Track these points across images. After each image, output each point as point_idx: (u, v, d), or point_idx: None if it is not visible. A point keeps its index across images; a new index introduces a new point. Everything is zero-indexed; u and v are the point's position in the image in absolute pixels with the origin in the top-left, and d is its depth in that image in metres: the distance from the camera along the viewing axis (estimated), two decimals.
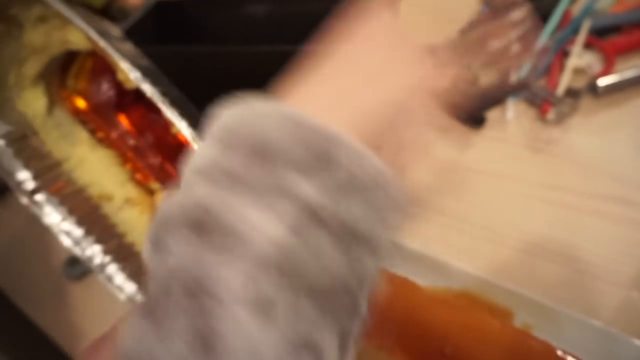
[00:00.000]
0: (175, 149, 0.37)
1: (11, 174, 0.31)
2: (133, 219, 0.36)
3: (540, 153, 0.53)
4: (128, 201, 0.36)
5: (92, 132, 0.35)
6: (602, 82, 0.55)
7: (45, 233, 0.61)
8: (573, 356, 0.33)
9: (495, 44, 0.29)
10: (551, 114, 0.54)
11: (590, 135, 0.53)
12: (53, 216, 0.34)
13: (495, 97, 0.59)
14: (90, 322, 0.47)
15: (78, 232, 0.35)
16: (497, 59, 0.31)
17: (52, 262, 0.53)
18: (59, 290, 0.52)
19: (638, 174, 0.49)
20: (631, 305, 0.39)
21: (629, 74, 0.55)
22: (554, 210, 0.47)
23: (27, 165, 0.31)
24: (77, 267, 0.52)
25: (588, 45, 0.59)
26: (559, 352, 0.33)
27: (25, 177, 0.32)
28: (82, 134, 0.34)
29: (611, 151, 0.51)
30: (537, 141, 0.54)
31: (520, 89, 0.59)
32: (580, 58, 0.58)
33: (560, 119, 0.55)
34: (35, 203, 0.33)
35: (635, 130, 0.53)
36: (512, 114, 0.58)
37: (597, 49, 0.58)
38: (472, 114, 0.56)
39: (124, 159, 0.30)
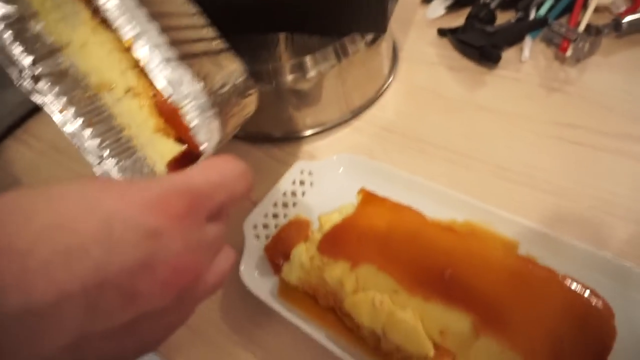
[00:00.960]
0: None
1: (11, 59, 0.31)
2: (133, 111, 0.36)
3: (556, 92, 0.51)
4: (129, 91, 0.36)
5: (95, 12, 0.34)
6: (627, 19, 0.53)
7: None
8: (578, 282, 0.32)
9: None
10: (570, 52, 0.52)
11: (609, 73, 0.51)
12: (53, 105, 0.34)
13: (512, 35, 0.57)
14: None
15: (77, 123, 0.35)
16: None
17: None
18: None
19: None
20: None
21: None
22: (566, 147, 0.46)
23: (27, 50, 0.31)
24: None
25: None
26: (564, 279, 0.33)
27: (25, 62, 0.31)
28: (84, 15, 0.33)
29: (630, 90, 0.49)
30: (553, 80, 0.52)
31: (539, 26, 0.57)
32: None
33: (579, 57, 0.53)
34: (37, 91, 0.33)
35: None
36: (529, 53, 0.55)
37: None
38: (487, 52, 0.54)
39: (127, 45, 0.29)
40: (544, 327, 0.30)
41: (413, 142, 0.51)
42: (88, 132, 0.37)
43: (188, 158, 0.39)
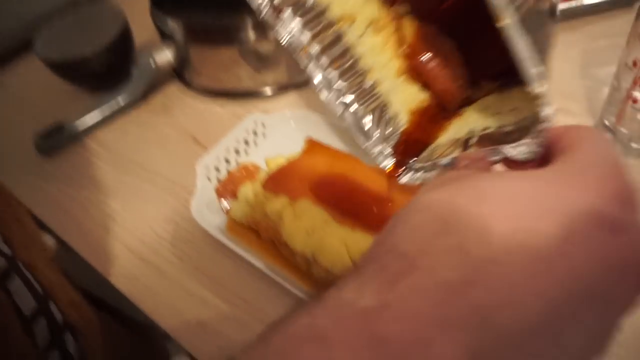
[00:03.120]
0: None
1: None
2: (376, 49, 0.34)
3: None
4: (371, 24, 0.33)
5: None
6: (562, 6, 0.58)
7: (13, 101, 0.62)
8: None
9: None
10: None
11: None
12: (303, 36, 0.32)
13: None
14: (65, 197, 0.50)
15: (322, 64, 0.33)
16: None
17: (21, 135, 0.55)
18: (29, 164, 0.54)
19: (580, 89, 0.53)
20: None
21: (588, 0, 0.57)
22: None
23: None
24: (49, 140, 0.55)
25: None
26: None
27: None
28: None
29: (559, 69, 0.54)
30: None
31: None
32: None
33: None
34: (280, 20, 0.31)
35: (582, 52, 0.56)
36: None
37: None
38: None
39: None
40: None
41: None
42: (334, 74, 0.34)
43: (434, 109, 0.36)
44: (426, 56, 0.34)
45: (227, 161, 0.47)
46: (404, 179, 0.33)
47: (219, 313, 0.39)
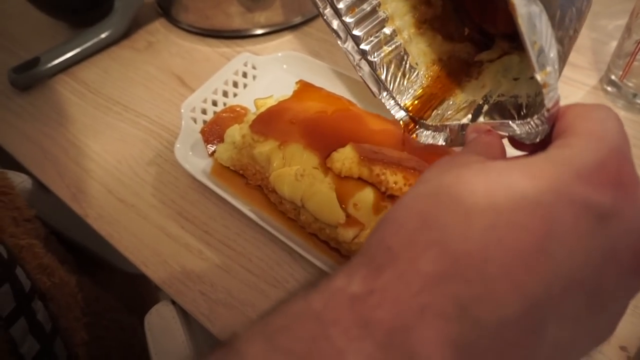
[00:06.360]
0: None
1: None
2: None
3: None
4: None
5: None
6: None
7: None
8: None
9: None
10: None
11: None
12: None
13: None
14: (42, 135, 0.48)
15: (341, 6, 0.33)
16: None
17: None
18: (4, 100, 0.51)
19: (586, 41, 0.51)
20: None
21: None
22: None
23: None
24: (25, 75, 0.51)
25: None
26: None
27: None
28: None
29: None
30: None
31: None
32: None
33: None
34: None
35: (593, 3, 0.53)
36: None
37: None
38: None
39: None
40: None
41: None
42: (351, 21, 0.34)
43: (455, 63, 0.34)
44: None
45: (215, 103, 0.45)
46: (418, 136, 0.32)
47: (202, 259, 0.38)
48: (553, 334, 0.16)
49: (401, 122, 0.34)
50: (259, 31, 0.55)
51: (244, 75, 0.47)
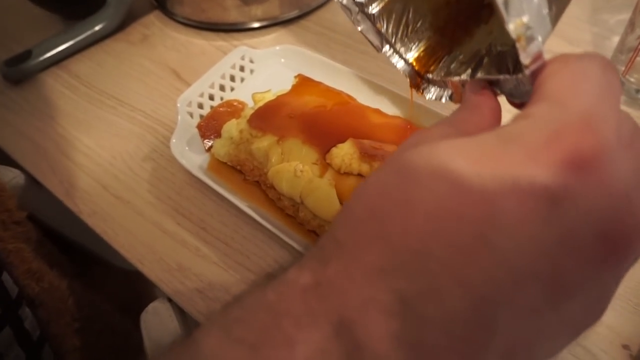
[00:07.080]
0: None
1: None
2: None
3: None
4: None
5: None
6: None
7: None
8: None
9: None
10: None
11: None
12: None
13: None
14: (34, 129, 0.47)
15: None
16: None
17: None
18: None
19: (587, 35, 0.50)
20: None
21: None
22: None
23: None
24: (17, 68, 0.50)
25: None
26: None
27: None
28: None
29: (567, 12, 0.51)
30: None
31: None
32: None
33: None
34: None
35: None
36: None
37: None
38: None
39: None
40: None
41: (358, 43, 0.51)
42: None
43: (462, 10, 0.30)
44: None
45: (211, 98, 0.44)
46: (425, 93, 0.31)
47: (199, 256, 0.37)
48: (510, 327, 0.15)
49: (407, 77, 0.31)
50: (256, 24, 0.54)
51: (242, 69, 0.46)
